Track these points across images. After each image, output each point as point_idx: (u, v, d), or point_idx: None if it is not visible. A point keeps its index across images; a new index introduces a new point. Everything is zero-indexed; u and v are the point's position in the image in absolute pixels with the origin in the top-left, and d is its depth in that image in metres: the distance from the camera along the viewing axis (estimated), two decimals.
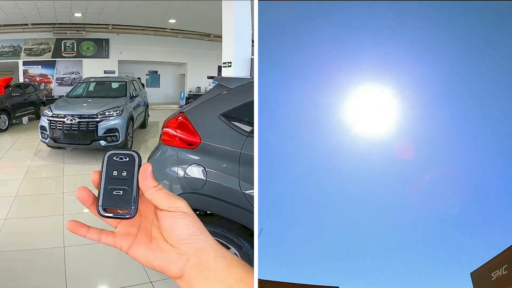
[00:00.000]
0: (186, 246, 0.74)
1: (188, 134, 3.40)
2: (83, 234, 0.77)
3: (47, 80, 19.87)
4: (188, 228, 0.74)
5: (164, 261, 0.75)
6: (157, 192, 0.75)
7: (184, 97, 21.68)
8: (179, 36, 20.96)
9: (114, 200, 0.74)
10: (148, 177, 0.76)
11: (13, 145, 10.88)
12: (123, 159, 0.77)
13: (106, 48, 20.34)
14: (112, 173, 0.76)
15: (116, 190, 0.75)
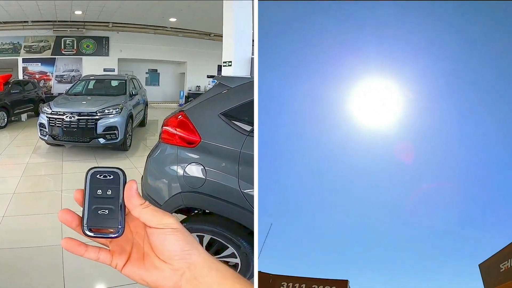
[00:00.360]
0: (178, 261, 0.73)
1: (187, 133, 3.39)
2: (81, 253, 0.76)
3: (46, 77, 19.86)
4: (179, 243, 0.73)
5: (158, 278, 0.75)
6: (144, 210, 0.74)
7: (183, 96, 21.68)
8: (179, 34, 20.95)
9: (99, 219, 0.72)
10: (133, 195, 0.75)
11: (12, 142, 10.86)
12: (107, 177, 0.75)
13: (106, 46, 20.32)
14: (96, 192, 0.74)
15: (101, 209, 0.73)
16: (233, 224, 3.26)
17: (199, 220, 3.49)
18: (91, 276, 4.04)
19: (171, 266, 0.74)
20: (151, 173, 3.79)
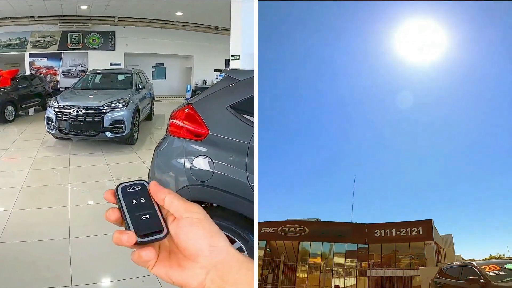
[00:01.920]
0: (204, 259, 0.70)
1: (195, 126, 3.35)
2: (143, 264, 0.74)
3: (53, 72, 19.91)
4: (205, 237, 0.71)
5: (182, 277, 0.72)
6: (174, 200, 0.74)
7: (190, 90, 21.64)
8: (186, 29, 20.86)
9: (145, 225, 0.74)
10: (159, 189, 0.76)
11: (20, 136, 10.93)
12: (135, 189, 0.79)
13: (112, 41, 20.31)
14: (132, 202, 0.77)
15: (142, 215, 0.75)
16: (240, 218, 3.23)
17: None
18: (98, 269, 4.05)
19: (196, 263, 0.71)
20: (158, 166, 3.77)
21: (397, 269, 8.05)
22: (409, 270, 7.89)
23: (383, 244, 8.35)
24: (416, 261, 8.04)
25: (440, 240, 8.31)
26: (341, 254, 8.63)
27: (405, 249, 8.24)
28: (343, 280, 8.53)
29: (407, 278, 7.93)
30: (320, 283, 8.63)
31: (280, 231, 8.79)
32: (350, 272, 8.60)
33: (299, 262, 8.65)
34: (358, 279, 8.41)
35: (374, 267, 7.95)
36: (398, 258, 8.25)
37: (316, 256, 8.77)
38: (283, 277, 8.00)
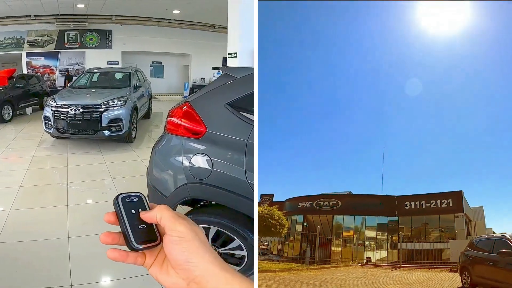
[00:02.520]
0: (182, 272, 0.79)
1: (193, 123, 3.35)
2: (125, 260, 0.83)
3: (50, 71, 19.88)
4: (183, 254, 0.78)
5: (169, 283, 0.82)
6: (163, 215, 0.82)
7: (188, 88, 21.65)
8: (183, 27, 20.86)
9: (142, 234, 0.83)
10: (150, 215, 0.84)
11: (17, 136, 10.92)
12: (134, 200, 0.88)
13: (110, 39, 20.28)
14: (131, 211, 0.85)
15: (140, 225, 0.84)
16: (239, 216, 3.23)
17: (205, 211, 3.45)
18: (97, 267, 4.04)
19: (177, 274, 0.80)
20: (157, 164, 3.76)
21: (426, 241, 8.17)
22: (439, 243, 8.00)
23: (413, 216, 8.48)
24: (446, 234, 8.13)
25: (471, 213, 8.37)
26: (373, 228, 8.87)
27: (435, 222, 8.33)
28: (375, 253, 8.78)
29: (437, 251, 8.06)
30: (353, 256, 8.90)
31: (316, 205, 9.01)
32: (381, 245, 8.84)
33: (334, 236, 8.91)
34: (389, 252, 8.64)
35: (404, 240, 8.12)
36: (428, 231, 8.36)
37: (349, 229, 9.00)
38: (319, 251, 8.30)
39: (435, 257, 8.11)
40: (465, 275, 6.74)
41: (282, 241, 9.59)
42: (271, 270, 7.65)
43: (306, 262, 8.57)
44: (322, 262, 8.59)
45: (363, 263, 8.77)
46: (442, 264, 8.02)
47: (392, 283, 7.29)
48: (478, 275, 6.31)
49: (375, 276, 7.97)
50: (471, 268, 6.56)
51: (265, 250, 9.67)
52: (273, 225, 7.36)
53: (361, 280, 7.60)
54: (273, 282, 6.74)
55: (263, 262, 8.22)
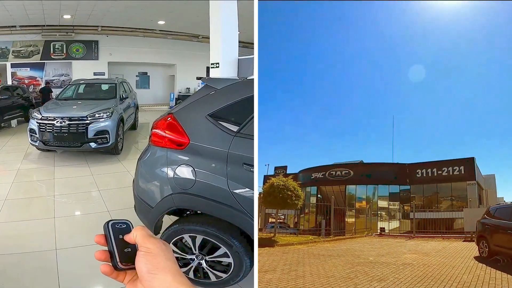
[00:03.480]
0: (144, 282, 0.91)
1: (177, 135, 3.44)
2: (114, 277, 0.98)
3: (36, 82, 19.74)
4: (146, 265, 0.90)
5: None
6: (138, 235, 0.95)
7: (174, 98, 21.69)
8: (168, 37, 20.96)
9: (126, 256, 0.96)
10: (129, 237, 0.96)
11: (2, 148, 10.82)
12: (122, 226, 1.00)
13: (96, 50, 20.25)
14: (118, 236, 0.97)
15: (126, 248, 0.96)
16: (224, 224, 3.32)
17: (191, 221, 3.54)
18: (86, 279, 4.08)
19: (142, 285, 0.92)
20: (142, 175, 3.84)
21: (439, 211, 8.18)
22: (452, 212, 8.00)
23: (425, 185, 8.51)
24: (457, 203, 8.15)
25: (482, 181, 8.35)
26: (385, 198, 8.99)
27: (447, 190, 8.37)
28: (388, 223, 8.91)
29: (449, 220, 8.10)
30: (367, 226, 9.07)
31: (328, 175, 9.14)
32: (394, 215, 8.95)
33: (347, 207, 9.04)
34: (401, 222, 8.75)
35: (416, 210, 8.16)
36: (439, 200, 8.41)
37: (362, 200, 9.18)
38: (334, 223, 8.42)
39: (448, 226, 8.15)
40: (483, 245, 6.66)
41: (298, 214, 9.79)
42: (290, 243, 7.88)
43: (322, 234, 8.79)
44: (337, 234, 8.76)
45: (377, 234, 8.91)
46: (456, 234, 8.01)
47: (408, 253, 7.42)
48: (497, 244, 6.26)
49: (390, 246, 8.11)
50: (489, 237, 6.51)
51: (283, 224, 9.70)
52: (289, 197, 7.32)
53: (377, 251, 7.79)
54: (293, 255, 6.99)
55: (282, 235, 8.42)
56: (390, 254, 7.28)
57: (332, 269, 5.92)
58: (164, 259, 0.92)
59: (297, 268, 5.84)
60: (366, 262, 6.50)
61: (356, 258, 6.82)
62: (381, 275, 5.58)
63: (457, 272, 5.72)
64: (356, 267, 6.09)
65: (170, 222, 3.77)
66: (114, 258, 0.95)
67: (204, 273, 3.61)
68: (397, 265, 6.26)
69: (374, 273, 5.71)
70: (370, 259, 6.78)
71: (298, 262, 6.37)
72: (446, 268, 6.02)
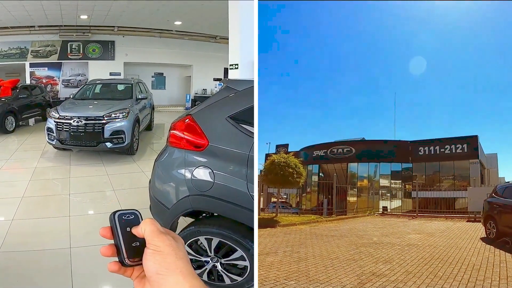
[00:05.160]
0: (153, 283, 0.85)
1: (195, 136, 3.40)
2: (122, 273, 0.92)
3: (53, 82, 19.96)
4: (154, 266, 0.85)
5: None
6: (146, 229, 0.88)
7: (189, 99, 21.73)
8: (185, 38, 20.99)
9: (134, 251, 0.89)
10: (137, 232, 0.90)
11: (20, 147, 10.96)
12: (129, 217, 0.92)
13: (112, 50, 20.39)
14: (126, 229, 0.90)
15: (134, 242, 0.90)
16: (241, 227, 3.27)
17: (207, 223, 3.50)
18: (99, 278, 4.07)
19: (150, 284, 0.87)
20: (159, 176, 3.81)
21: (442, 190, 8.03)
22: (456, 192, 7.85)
23: (427, 163, 8.36)
24: (459, 182, 8.02)
25: (485, 160, 8.17)
26: (386, 176, 8.91)
27: (449, 169, 8.22)
28: (389, 202, 8.88)
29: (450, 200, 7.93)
30: (369, 205, 9.04)
31: (330, 153, 9.07)
32: (395, 194, 8.89)
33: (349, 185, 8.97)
34: (403, 201, 8.66)
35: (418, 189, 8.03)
36: (441, 179, 8.28)
37: (363, 178, 9.10)
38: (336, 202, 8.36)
39: (449, 206, 8.00)
40: (490, 225, 6.52)
41: (300, 193, 9.85)
42: (292, 223, 7.84)
43: (324, 213, 8.78)
44: (339, 213, 8.71)
45: (380, 213, 8.93)
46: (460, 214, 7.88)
47: (412, 233, 7.39)
48: (507, 225, 6.10)
49: (393, 226, 8.14)
50: (498, 217, 6.31)
51: (285, 204, 9.68)
52: (291, 174, 7.25)
53: (380, 230, 7.74)
54: (295, 236, 6.94)
55: (284, 215, 8.37)
56: (394, 234, 7.24)
57: (335, 251, 5.85)
58: (175, 259, 0.85)
59: (299, 250, 5.75)
60: (370, 243, 6.44)
61: (359, 239, 6.76)
62: (386, 257, 5.49)
63: (464, 254, 5.62)
64: (360, 248, 6.01)
65: (185, 224, 3.74)
66: (121, 253, 0.89)
67: (219, 275, 3.57)
68: (402, 246, 6.18)
69: (379, 255, 5.63)
70: (374, 240, 6.71)
71: (300, 243, 6.28)
72: (452, 250, 5.92)
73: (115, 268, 0.90)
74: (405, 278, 4.47)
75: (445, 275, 4.57)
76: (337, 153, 9.04)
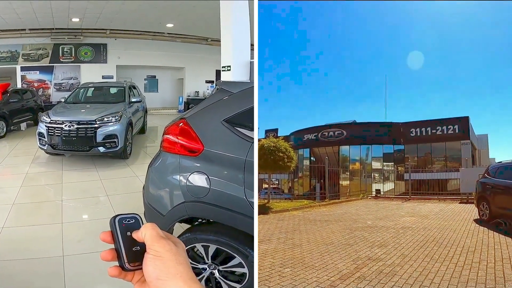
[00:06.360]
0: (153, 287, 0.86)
1: (190, 141, 3.31)
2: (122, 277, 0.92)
3: (45, 85, 19.76)
4: (155, 271, 0.85)
5: None
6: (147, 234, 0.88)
7: (182, 102, 21.62)
8: (177, 40, 20.87)
9: (135, 255, 0.89)
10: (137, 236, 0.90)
11: (11, 152, 10.80)
12: (130, 221, 0.93)
13: (104, 53, 20.23)
14: (126, 233, 0.91)
15: (134, 246, 0.90)
16: (239, 234, 3.18)
17: (204, 229, 3.40)
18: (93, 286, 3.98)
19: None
20: (153, 182, 3.71)
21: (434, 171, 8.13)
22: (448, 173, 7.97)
23: (419, 145, 8.45)
24: (451, 163, 8.11)
25: (476, 141, 8.25)
26: (378, 158, 8.98)
27: (441, 150, 8.31)
28: (382, 185, 9.00)
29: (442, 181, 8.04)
30: (362, 189, 9.09)
31: (321, 136, 9.10)
32: (388, 176, 9.00)
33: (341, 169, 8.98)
34: (396, 184, 8.79)
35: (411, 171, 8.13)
36: (433, 161, 8.37)
37: (355, 161, 9.17)
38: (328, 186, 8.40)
39: (442, 187, 8.10)
40: (483, 206, 6.57)
41: (291, 178, 9.81)
42: (285, 209, 7.81)
43: (317, 198, 8.79)
44: (332, 197, 8.71)
45: (373, 196, 9.01)
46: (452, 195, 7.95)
47: (406, 216, 7.47)
48: (501, 206, 6.12)
49: (387, 209, 8.24)
50: (491, 198, 6.35)
51: (277, 189, 9.67)
52: (281, 158, 7.21)
53: (374, 214, 7.84)
54: (288, 222, 6.96)
55: (276, 201, 8.32)
56: (388, 218, 7.30)
57: (330, 236, 5.87)
58: (175, 264, 0.85)
59: (293, 236, 5.77)
60: (364, 227, 6.48)
61: (354, 223, 6.80)
62: (381, 240, 5.53)
63: (459, 236, 5.71)
64: (355, 232, 6.04)
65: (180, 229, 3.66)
66: (121, 258, 0.89)
67: (217, 283, 3.49)
68: (397, 229, 6.25)
69: (374, 239, 5.66)
70: (368, 223, 6.77)
71: (294, 229, 6.30)
72: (447, 232, 6.02)
73: (115, 272, 0.90)
74: (401, 262, 4.50)
75: (441, 258, 4.63)
76: (329, 136, 9.04)
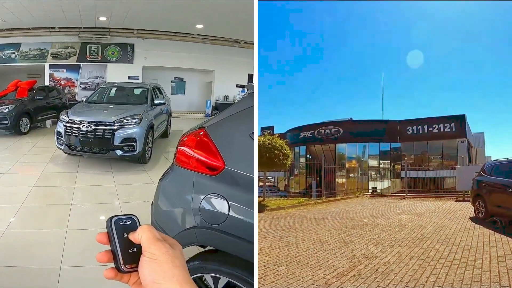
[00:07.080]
0: None
1: (208, 156, 2.71)
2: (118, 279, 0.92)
3: (71, 84, 19.84)
4: (151, 274, 0.87)
5: None
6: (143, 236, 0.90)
7: (210, 106, 21.25)
8: (207, 42, 20.56)
9: (131, 257, 0.91)
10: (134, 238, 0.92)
11: (31, 149, 10.68)
12: (126, 222, 0.94)
13: (131, 53, 20.13)
14: (122, 235, 0.92)
15: (131, 248, 0.91)
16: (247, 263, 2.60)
17: (215, 259, 2.81)
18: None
19: None
20: (162, 199, 3.17)
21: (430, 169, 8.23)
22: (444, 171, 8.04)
23: (415, 142, 8.60)
24: (447, 161, 8.25)
25: (472, 139, 8.30)
26: (375, 156, 9.13)
27: (437, 148, 8.45)
28: (378, 182, 9.13)
29: (439, 179, 8.15)
30: (358, 186, 9.17)
31: (317, 134, 9.21)
32: (384, 174, 9.17)
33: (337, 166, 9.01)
34: (392, 181, 8.94)
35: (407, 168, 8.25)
36: (429, 159, 8.53)
37: (352, 159, 9.32)
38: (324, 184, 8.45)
39: (438, 185, 8.16)
40: (479, 204, 6.62)
41: (287, 176, 9.79)
42: (281, 207, 7.78)
43: (313, 196, 8.74)
44: (329, 195, 8.68)
45: (369, 194, 8.99)
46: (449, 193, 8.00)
47: (402, 213, 7.55)
48: (496, 204, 6.19)
49: (383, 207, 8.30)
50: (486, 196, 6.42)
51: (272, 187, 9.55)
52: (277, 156, 7.23)
53: (370, 212, 7.89)
54: (284, 220, 6.95)
55: (272, 199, 8.30)
56: (385, 216, 7.40)
57: (326, 234, 5.90)
58: (171, 267, 0.86)
59: (288, 234, 5.82)
60: (360, 225, 6.56)
61: (350, 221, 6.87)
62: (377, 238, 5.57)
63: (455, 234, 5.84)
64: (351, 230, 6.10)
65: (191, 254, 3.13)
66: (117, 260, 0.89)
67: None
68: (393, 227, 6.33)
69: (370, 236, 5.70)
70: (364, 221, 6.86)
71: (289, 227, 6.35)
72: (443, 230, 6.12)
73: (111, 274, 0.90)
74: (397, 260, 4.53)
75: (437, 256, 4.67)
76: (325, 134, 9.08)
